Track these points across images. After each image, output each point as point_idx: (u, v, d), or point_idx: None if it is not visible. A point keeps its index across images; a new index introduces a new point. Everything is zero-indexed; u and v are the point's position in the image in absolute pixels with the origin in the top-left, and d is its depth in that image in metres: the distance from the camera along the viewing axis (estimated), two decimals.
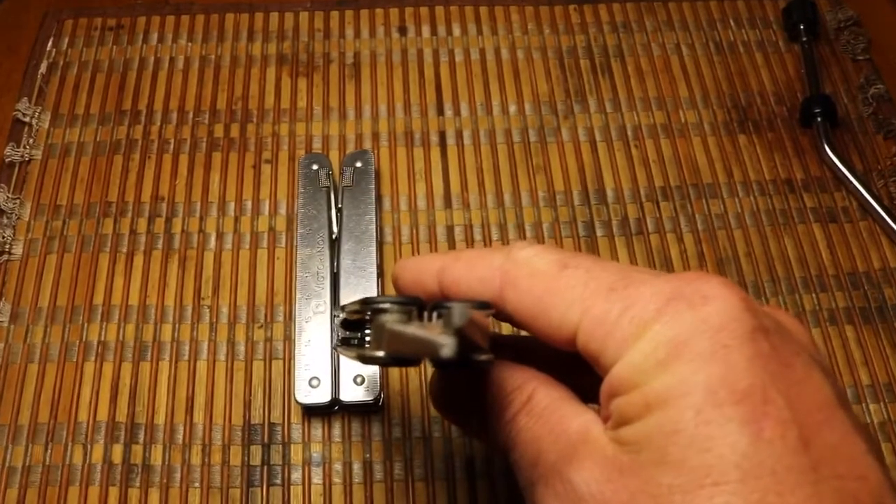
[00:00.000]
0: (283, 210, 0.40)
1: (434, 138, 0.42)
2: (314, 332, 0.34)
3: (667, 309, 0.17)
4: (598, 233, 0.39)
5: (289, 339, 0.36)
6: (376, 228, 0.37)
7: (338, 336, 0.23)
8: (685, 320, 0.16)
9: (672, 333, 0.16)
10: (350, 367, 0.34)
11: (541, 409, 0.19)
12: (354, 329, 0.21)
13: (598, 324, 0.17)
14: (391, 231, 0.39)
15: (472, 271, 0.20)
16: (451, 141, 0.42)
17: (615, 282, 0.18)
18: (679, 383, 0.16)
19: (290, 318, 0.36)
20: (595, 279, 0.18)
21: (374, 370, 0.34)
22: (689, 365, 0.16)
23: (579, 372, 0.19)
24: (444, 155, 0.41)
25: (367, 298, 0.19)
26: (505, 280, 0.20)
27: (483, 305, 0.19)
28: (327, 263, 0.36)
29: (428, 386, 0.23)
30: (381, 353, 0.17)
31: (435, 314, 0.18)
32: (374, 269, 0.35)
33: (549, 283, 0.19)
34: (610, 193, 0.40)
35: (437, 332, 0.16)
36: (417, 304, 0.18)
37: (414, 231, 0.39)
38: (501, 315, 0.20)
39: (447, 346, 0.15)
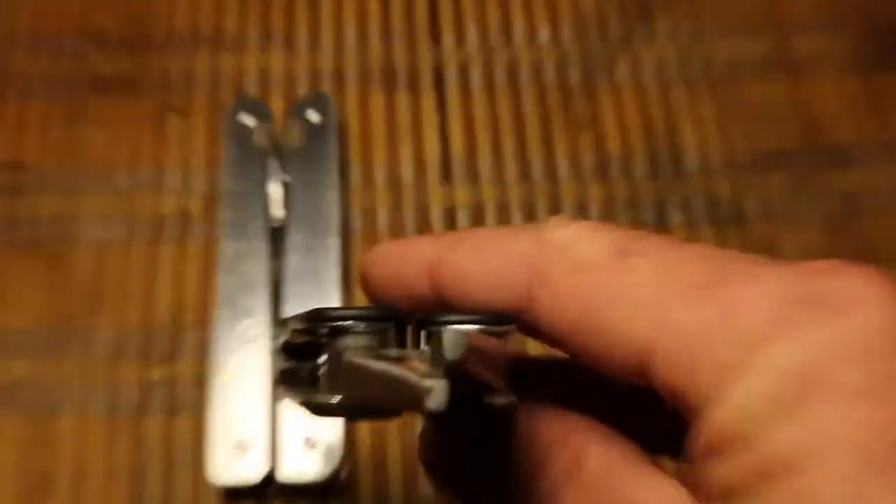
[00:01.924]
0: (197, 184, 0.38)
1: (427, 79, 0.41)
2: (243, 369, 0.33)
3: (789, 319, 0.17)
4: (673, 219, 0.38)
5: (203, 382, 0.35)
6: (340, 213, 0.36)
7: (277, 369, 0.24)
8: (819, 338, 0.16)
9: (799, 358, 0.16)
10: (297, 424, 0.33)
11: (595, 476, 0.19)
12: (303, 357, 0.21)
13: (682, 342, 0.18)
14: (362, 216, 0.38)
15: (482, 262, 0.20)
16: (451, 83, 0.40)
17: (704, 276, 0.18)
18: (815, 437, 0.16)
19: (205, 349, 0.35)
20: (673, 272, 0.18)
21: (332, 428, 0.33)
22: (830, 408, 0.16)
23: (646, 410, 0.20)
24: (441, 103, 0.40)
25: (319, 310, 0.19)
26: (535, 276, 0.20)
27: (498, 319, 0.19)
28: (265, 265, 0.35)
29: (416, 442, 0.24)
30: (334, 401, 0.18)
31: (423, 335, 0.19)
32: (335, 274, 0.35)
33: (602, 279, 0.19)
34: (690, 160, 0.39)
35: (421, 371, 0.16)
36: (395, 320, 0.19)
37: (396, 216, 0.38)
38: (528, 328, 0.20)
39: (434, 393, 0.15)
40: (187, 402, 0.34)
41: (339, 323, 0.18)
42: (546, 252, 0.20)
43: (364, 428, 0.34)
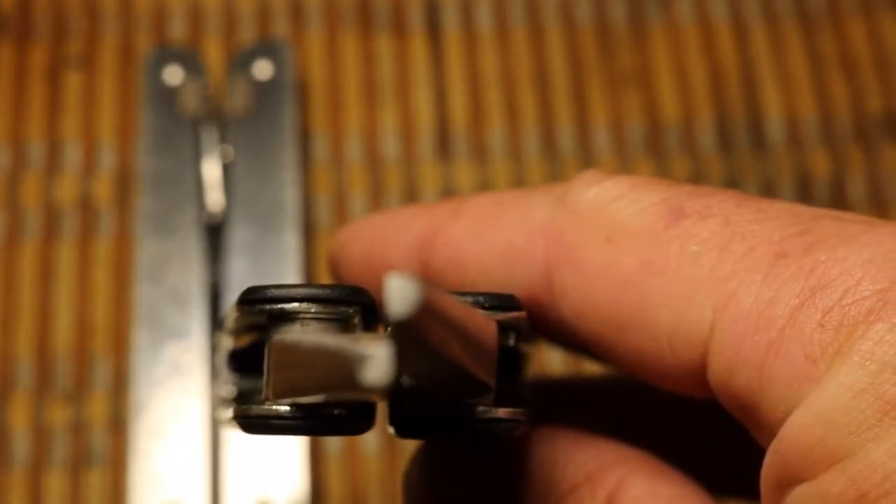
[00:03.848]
0: (105, 162, 0.40)
1: (416, 17, 0.43)
2: (172, 408, 0.35)
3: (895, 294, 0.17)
4: None
5: (119, 426, 0.36)
6: (299, 199, 0.38)
7: (221, 389, 0.24)
8: None
9: None
10: (246, 478, 0.34)
11: None
12: (254, 371, 0.21)
13: (752, 328, 0.18)
14: (330, 204, 0.40)
15: (486, 237, 0.21)
16: (450, 22, 0.43)
17: (785, 240, 0.18)
18: None
19: (122, 381, 0.37)
20: (743, 237, 0.19)
21: (293, 483, 0.34)
22: None
23: (708, 436, 0.21)
24: (436, 51, 0.42)
25: (253, 289, 0.19)
26: (557, 251, 0.20)
27: (501, 302, 0.19)
28: (199, 270, 0.37)
29: (402, 483, 0.25)
30: (271, 406, 0.18)
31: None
32: (293, 281, 0.36)
33: (647, 250, 0.19)
34: (774, 128, 0.41)
35: (364, 341, 0.16)
36: (363, 304, 0.19)
37: (376, 203, 0.40)
38: (545, 323, 0.21)
39: (374, 361, 0.15)
40: (99, 453, 0.36)
41: (282, 306, 0.18)
42: (573, 219, 0.20)
43: (335, 482, 0.36)
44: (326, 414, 0.18)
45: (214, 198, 0.38)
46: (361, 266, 0.23)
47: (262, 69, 0.39)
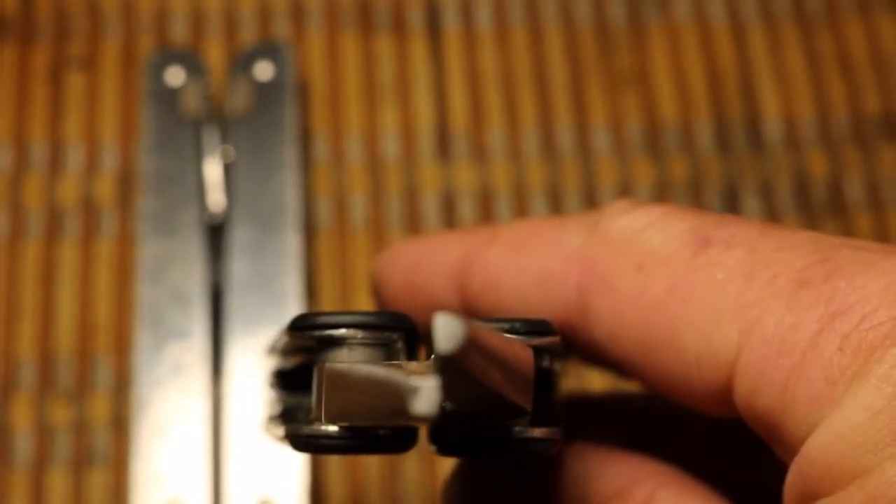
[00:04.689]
0: (109, 163, 0.40)
1: (417, 17, 0.43)
2: (173, 407, 0.35)
3: None
4: (749, 206, 0.40)
5: (121, 425, 0.36)
6: (300, 200, 0.38)
7: (269, 408, 0.25)
8: None
9: None
10: (247, 477, 0.34)
11: None
12: (300, 388, 0.22)
13: (775, 351, 0.18)
14: (330, 205, 0.40)
15: (522, 263, 0.22)
16: (450, 23, 0.43)
17: (807, 268, 0.19)
18: None
19: (124, 381, 0.37)
20: (767, 264, 0.19)
21: (293, 482, 0.34)
22: None
23: (738, 455, 0.21)
24: (436, 51, 0.42)
25: (304, 317, 0.20)
26: (590, 278, 0.21)
27: (536, 328, 0.20)
28: (201, 271, 0.37)
29: (442, 497, 0.25)
30: (321, 427, 0.19)
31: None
32: (294, 282, 0.36)
33: (677, 277, 0.20)
34: (772, 128, 0.41)
35: (413, 372, 0.17)
36: (405, 329, 0.19)
37: (376, 204, 0.40)
38: (580, 345, 0.22)
39: (422, 392, 0.17)
40: (101, 452, 0.36)
41: (330, 332, 0.19)
42: (605, 247, 0.21)
43: (336, 482, 0.36)
44: (372, 435, 0.19)
45: (215, 198, 0.38)
46: (402, 289, 0.23)
47: (263, 70, 0.39)
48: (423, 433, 0.20)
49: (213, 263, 0.37)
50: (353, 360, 0.19)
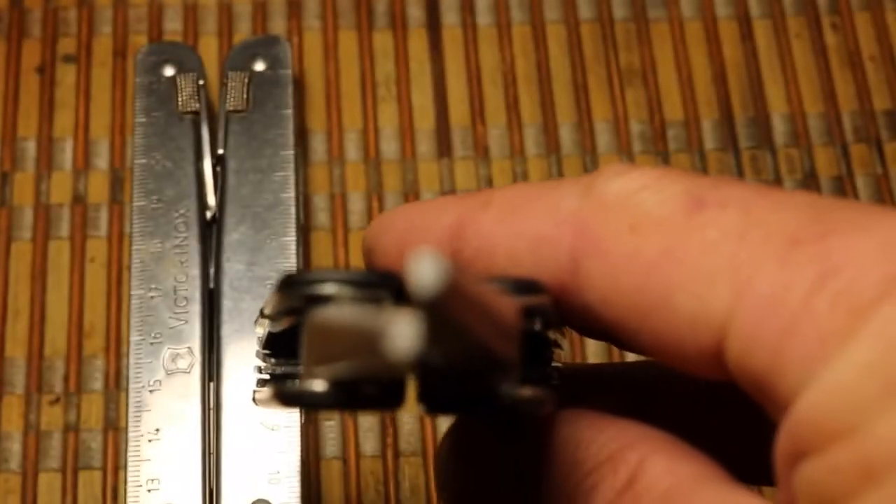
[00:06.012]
0: (101, 160, 0.41)
1: (416, 12, 0.43)
2: (168, 410, 0.35)
3: None
4: None
5: (115, 428, 0.37)
6: (296, 199, 0.38)
7: (259, 371, 0.25)
8: None
9: None
10: (244, 482, 0.34)
11: (656, 497, 0.20)
12: (290, 355, 0.22)
13: (767, 311, 0.19)
14: (328, 204, 0.40)
15: (515, 227, 0.22)
16: (450, 17, 0.43)
17: (801, 228, 0.19)
18: None
19: (116, 383, 0.37)
20: (761, 225, 0.19)
21: (293, 481, 0.34)
22: None
23: (733, 421, 0.21)
24: (436, 47, 0.42)
25: (291, 275, 0.20)
26: (583, 241, 0.21)
27: (525, 286, 0.21)
28: (196, 270, 0.36)
29: (434, 462, 0.26)
30: (305, 380, 0.20)
31: None
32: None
33: (670, 238, 0.20)
34: (779, 127, 0.41)
35: (393, 314, 0.18)
36: (395, 288, 0.20)
37: (375, 202, 0.40)
38: (574, 312, 0.22)
39: (400, 331, 0.16)
40: (94, 456, 0.36)
41: (318, 289, 0.19)
42: (598, 210, 0.21)
43: (332, 485, 0.36)
44: (358, 391, 0.19)
45: (209, 197, 0.38)
46: (394, 254, 0.23)
47: (259, 65, 0.39)
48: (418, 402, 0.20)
49: (207, 262, 0.37)
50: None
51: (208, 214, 0.37)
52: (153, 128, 0.39)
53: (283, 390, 0.20)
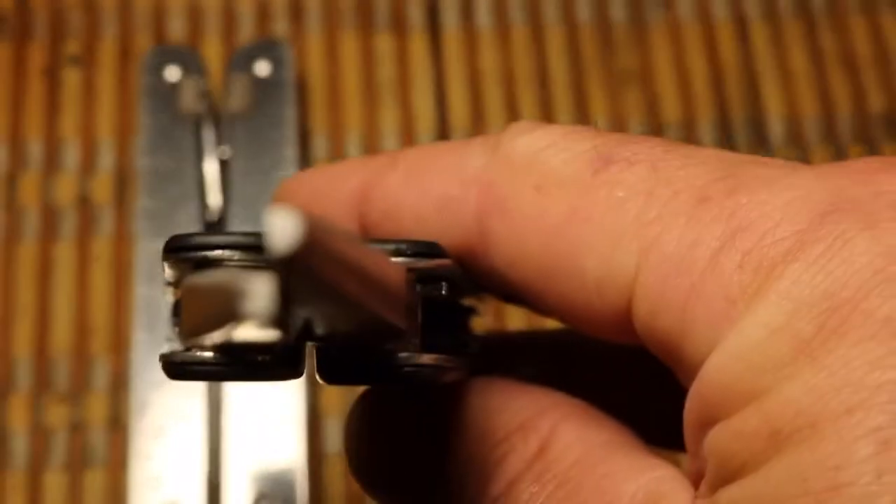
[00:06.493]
0: (106, 161, 0.41)
1: (416, 16, 0.43)
2: (171, 408, 0.35)
3: (813, 234, 0.17)
4: None
5: (119, 427, 0.37)
6: None
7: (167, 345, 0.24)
8: (850, 257, 0.17)
9: (823, 285, 0.17)
10: (246, 477, 0.35)
11: (567, 465, 0.20)
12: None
13: (673, 270, 0.18)
14: None
15: (421, 188, 0.22)
16: (450, 21, 0.43)
17: (709, 184, 0.19)
18: (839, 387, 0.16)
19: (121, 381, 0.37)
20: (669, 181, 0.19)
21: (295, 480, 0.34)
22: (858, 349, 0.16)
23: (645, 387, 0.21)
24: (436, 50, 0.42)
25: (178, 237, 0.19)
26: (488, 201, 0.21)
27: (424, 249, 0.20)
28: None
29: (342, 434, 0.25)
30: (193, 349, 0.19)
31: None
32: None
33: (576, 198, 0.20)
34: (776, 128, 0.42)
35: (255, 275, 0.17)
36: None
37: None
38: (482, 274, 0.21)
39: (254, 291, 0.16)
40: (98, 453, 0.36)
41: (205, 253, 0.18)
42: (504, 169, 0.21)
43: (334, 483, 0.36)
44: (250, 360, 0.19)
45: (213, 197, 0.38)
46: None
47: (262, 68, 0.40)
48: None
49: None
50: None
51: (210, 215, 0.38)
52: (157, 129, 0.39)
53: (169, 360, 0.19)
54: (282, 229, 0.14)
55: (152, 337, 0.36)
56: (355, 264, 0.17)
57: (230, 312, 0.16)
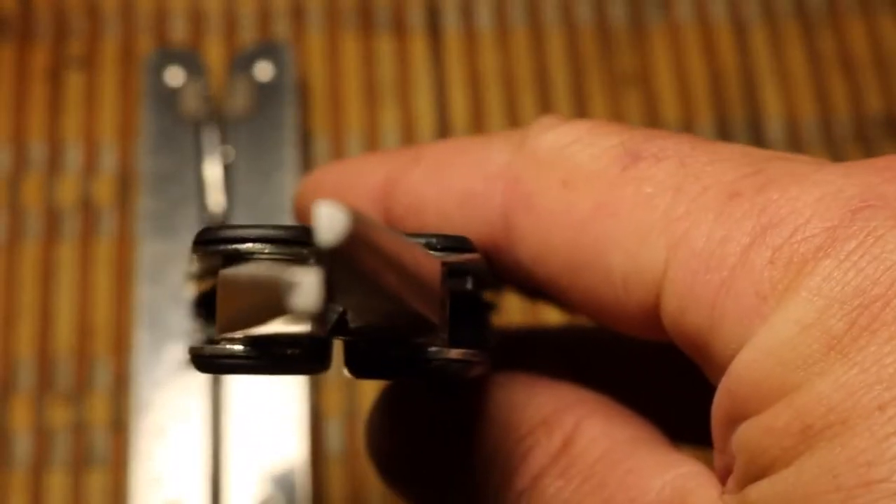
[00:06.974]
0: (108, 163, 0.41)
1: (417, 17, 0.43)
2: (173, 409, 0.35)
3: (844, 231, 0.17)
4: None
5: (120, 427, 0.37)
6: None
7: (191, 339, 0.24)
8: (889, 250, 0.17)
9: (859, 280, 0.17)
10: (248, 478, 0.35)
11: (592, 460, 0.20)
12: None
13: (703, 266, 0.18)
14: None
15: (445, 183, 0.21)
16: (450, 23, 0.43)
17: (738, 179, 0.19)
18: (875, 383, 0.16)
19: (123, 382, 0.37)
20: (698, 177, 0.19)
21: (297, 480, 0.35)
22: (891, 345, 0.16)
23: (671, 383, 0.21)
24: (436, 51, 0.42)
25: (208, 230, 0.19)
26: (514, 196, 0.21)
27: (454, 244, 0.20)
28: None
29: (364, 428, 0.25)
30: (222, 342, 0.18)
31: None
32: None
33: (603, 193, 0.20)
34: (774, 129, 0.42)
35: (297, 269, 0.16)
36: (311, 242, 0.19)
37: None
38: (507, 270, 0.21)
39: (302, 287, 0.15)
40: (100, 453, 0.36)
41: (235, 246, 0.18)
42: (530, 164, 0.21)
43: (336, 483, 0.36)
44: (279, 353, 0.19)
45: (215, 198, 0.38)
46: None
47: (263, 70, 0.40)
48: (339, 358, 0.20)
49: None
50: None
51: (214, 216, 0.38)
52: (159, 131, 0.39)
53: (198, 353, 0.19)
54: (328, 221, 0.15)
55: (154, 337, 0.36)
56: (395, 257, 0.17)
57: (275, 306, 0.16)
